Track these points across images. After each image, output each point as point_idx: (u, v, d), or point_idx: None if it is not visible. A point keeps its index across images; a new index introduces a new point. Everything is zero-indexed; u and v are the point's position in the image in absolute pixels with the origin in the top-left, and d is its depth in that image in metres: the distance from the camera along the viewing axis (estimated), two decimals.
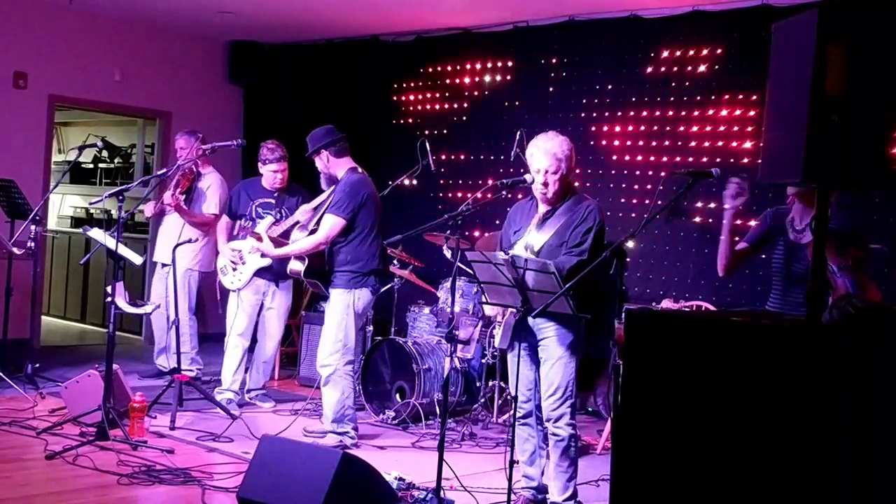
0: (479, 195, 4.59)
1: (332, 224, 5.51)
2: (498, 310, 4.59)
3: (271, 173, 6.42)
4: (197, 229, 7.05)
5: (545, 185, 4.42)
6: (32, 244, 6.68)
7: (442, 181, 8.13)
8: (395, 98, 8.66)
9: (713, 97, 6.64)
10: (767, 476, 2.55)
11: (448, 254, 6.68)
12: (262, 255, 6.11)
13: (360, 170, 5.72)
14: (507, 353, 4.59)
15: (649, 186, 6.88)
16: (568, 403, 4.43)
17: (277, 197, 6.45)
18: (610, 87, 7.22)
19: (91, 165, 11.43)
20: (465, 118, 8.15)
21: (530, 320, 4.39)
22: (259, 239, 5.90)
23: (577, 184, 4.81)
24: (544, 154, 4.42)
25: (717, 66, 6.64)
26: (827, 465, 2.48)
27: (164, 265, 7.23)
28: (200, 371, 7.20)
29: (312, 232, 5.67)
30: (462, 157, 8.12)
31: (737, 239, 4.33)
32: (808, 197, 4.00)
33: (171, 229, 7.15)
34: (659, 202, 5.69)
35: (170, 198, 6.84)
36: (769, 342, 2.62)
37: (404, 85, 8.61)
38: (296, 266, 5.78)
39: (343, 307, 5.53)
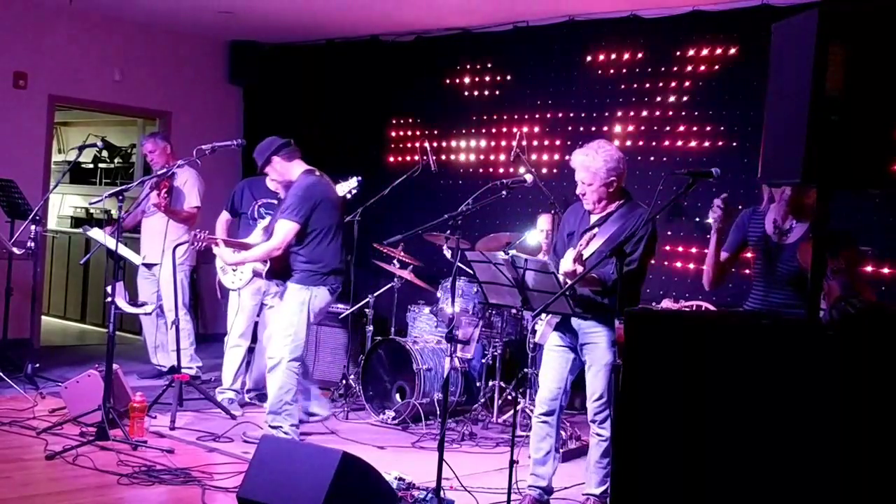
0: (478, 195, 4.59)
1: (286, 229, 5.46)
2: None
3: None
4: (184, 225, 7.09)
5: (583, 195, 4.53)
6: (32, 244, 6.68)
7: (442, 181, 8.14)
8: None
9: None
10: (767, 475, 2.55)
11: (448, 254, 6.68)
12: (220, 259, 6.02)
13: (316, 172, 5.69)
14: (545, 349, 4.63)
15: (649, 187, 6.88)
16: (610, 406, 4.46)
17: (280, 198, 6.43)
18: (622, 86, 7.23)
19: (91, 165, 11.43)
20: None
21: (575, 322, 4.42)
22: (217, 244, 5.80)
23: None
24: (579, 166, 4.51)
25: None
26: (826, 464, 2.49)
27: (149, 266, 7.22)
28: (200, 369, 7.21)
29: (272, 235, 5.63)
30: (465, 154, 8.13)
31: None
32: (798, 199, 3.96)
33: (156, 230, 7.14)
34: (659, 202, 5.65)
35: (156, 198, 6.84)
36: (769, 342, 2.62)
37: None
38: (258, 266, 5.78)
39: (298, 303, 5.48)
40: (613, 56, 7.19)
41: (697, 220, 6.66)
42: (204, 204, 7.20)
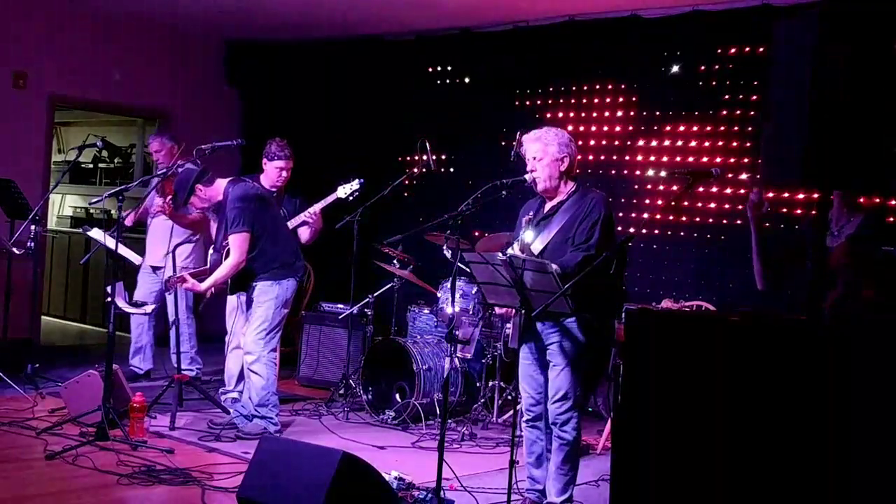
0: (478, 195, 4.58)
1: (240, 242, 5.60)
2: (509, 310, 4.60)
3: (276, 170, 6.39)
4: (190, 230, 7.04)
5: (533, 170, 4.51)
6: (32, 244, 6.67)
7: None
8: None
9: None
10: (767, 474, 2.55)
11: (448, 254, 6.68)
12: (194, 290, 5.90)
13: (238, 178, 5.92)
14: (519, 353, 4.61)
15: (649, 187, 6.88)
16: (575, 408, 4.44)
17: (276, 198, 6.42)
18: (609, 86, 7.23)
19: (91, 165, 11.43)
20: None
21: (538, 325, 4.41)
22: (184, 280, 5.74)
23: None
24: (531, 140, 4.55)
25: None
26: (826, 463, 2.49)
27: (154, 268, 7.17)
28: (200, 371, 7.19)
29: (228, 252, 5.67)
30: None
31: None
32: (848, 199, 3.90)
33: (161, 232, 7.10)
34: (659, 202, 5.67)
35: (161, 205, 6.81)
36: (769, 342, 2.62)
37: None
38: (220, 286, 5.82)
39: (272, 298, 5.70)
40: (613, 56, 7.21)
41: (697, 219, 6.66)
42: None
